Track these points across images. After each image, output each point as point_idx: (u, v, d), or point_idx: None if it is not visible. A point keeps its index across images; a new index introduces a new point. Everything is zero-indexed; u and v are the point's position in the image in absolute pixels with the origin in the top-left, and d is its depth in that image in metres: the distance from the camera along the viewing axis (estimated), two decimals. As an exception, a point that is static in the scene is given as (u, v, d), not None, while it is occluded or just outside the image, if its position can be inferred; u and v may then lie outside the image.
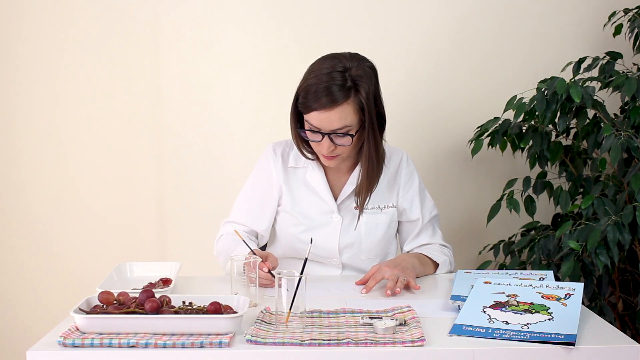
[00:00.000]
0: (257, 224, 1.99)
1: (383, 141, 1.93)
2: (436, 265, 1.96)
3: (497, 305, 1.47)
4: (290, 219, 1.96)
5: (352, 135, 1.82)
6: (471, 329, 1.39)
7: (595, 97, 2.21)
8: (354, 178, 1.95)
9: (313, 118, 1.80)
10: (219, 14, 2.61)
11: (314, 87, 1.79)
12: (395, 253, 2.07)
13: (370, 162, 1.88)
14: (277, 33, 2.61)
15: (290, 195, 1.97)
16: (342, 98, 1.78)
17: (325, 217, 1.95)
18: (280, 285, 1.42)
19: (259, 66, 2.62)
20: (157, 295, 1.41)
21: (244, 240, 1.75)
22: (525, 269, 2.33)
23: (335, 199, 1.96)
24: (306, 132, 1.85)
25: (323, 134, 1.82)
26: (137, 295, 1.42)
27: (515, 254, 2.41)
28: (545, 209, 2.55)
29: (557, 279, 1.85)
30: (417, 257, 1.91)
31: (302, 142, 1.92)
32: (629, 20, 2.40)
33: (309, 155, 1.95)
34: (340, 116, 1.79)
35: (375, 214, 1.97)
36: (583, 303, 1.50)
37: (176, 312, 1.37)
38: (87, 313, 1.37)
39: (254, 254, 1.66)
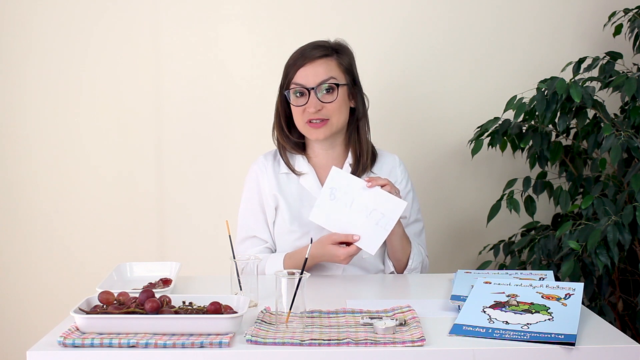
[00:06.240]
0: (268, 235, 2.00)
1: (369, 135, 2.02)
2: (409, 248, 1.96)
3: (497, 305, 1.47)
4: (288, 226, 1.97)
5: (337, 85, 1.91)
6: (471, 329, 1.39)
7: (595, 97, 2.20)
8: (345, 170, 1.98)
9: (300, 75, 1.91)
10: (219, 14, 2.61)
11: (299, 51, 1.94)
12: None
13: (360, 144, 1.98)
14: (278, 33, 2.61)
15: (285, 201, 1.97)
16: (327, 51, 1.94)
17: None
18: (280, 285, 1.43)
19: (260, 65, 2.62)
20: (157, 295, 1.41)
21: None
22: (525, 269, 2.33)
23: None
24: (292, 104, 1.92)
25: (309, 90, 1.89)
26: (137, 295, 1.42)
27: (515, 254, 2.41)
28: (545, 209, 2.55)
29: (557, 279, 1.85)
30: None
31: (289, 142, 1.99)
32: (629, 20, 2.40)
33: (295, 151, 2.00)
34: (325, 68, 1.92)
35: None
36: (583, 303, 1.50)
37: (176, 312, 1.37)
38: (87, 313, 1.37)
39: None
